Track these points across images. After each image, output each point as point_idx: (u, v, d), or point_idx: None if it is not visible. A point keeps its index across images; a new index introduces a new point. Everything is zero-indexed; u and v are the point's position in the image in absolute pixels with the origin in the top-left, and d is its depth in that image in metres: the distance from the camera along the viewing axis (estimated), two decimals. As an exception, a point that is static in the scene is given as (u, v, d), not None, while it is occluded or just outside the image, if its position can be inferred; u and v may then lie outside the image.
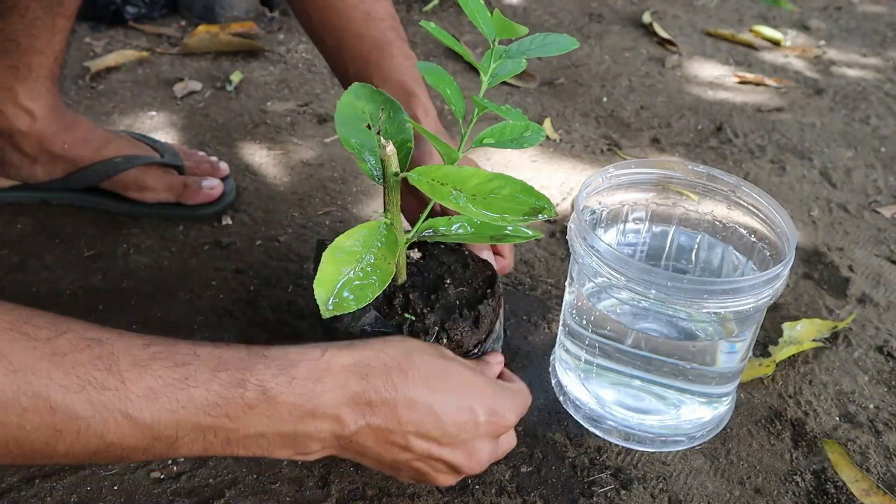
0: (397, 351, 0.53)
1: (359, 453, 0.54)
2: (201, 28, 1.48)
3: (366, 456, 0.54)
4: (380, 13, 0.79)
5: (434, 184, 0.54)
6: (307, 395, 0.50)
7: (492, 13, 0.57)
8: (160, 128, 1.19)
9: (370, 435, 0.52)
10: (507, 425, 0.57)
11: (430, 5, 1.69)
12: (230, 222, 0.99)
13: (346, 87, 0.68)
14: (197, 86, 1.31)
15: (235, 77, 1.35)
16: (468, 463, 0.56)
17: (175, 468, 0.66)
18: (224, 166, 1.03)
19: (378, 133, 0.60)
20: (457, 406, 0.54)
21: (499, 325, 0.65)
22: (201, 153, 1.05)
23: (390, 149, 0.53)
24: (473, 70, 1.43)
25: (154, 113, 1.23)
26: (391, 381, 0.52)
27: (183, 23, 1.55)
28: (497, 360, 0.63)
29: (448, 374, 0.54)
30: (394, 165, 0.54)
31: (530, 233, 0.65)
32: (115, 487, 0.64)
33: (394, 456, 0.54)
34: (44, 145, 0.93)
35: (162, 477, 0.66)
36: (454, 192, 0.54)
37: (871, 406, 0.79)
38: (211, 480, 0.66)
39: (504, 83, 1.42)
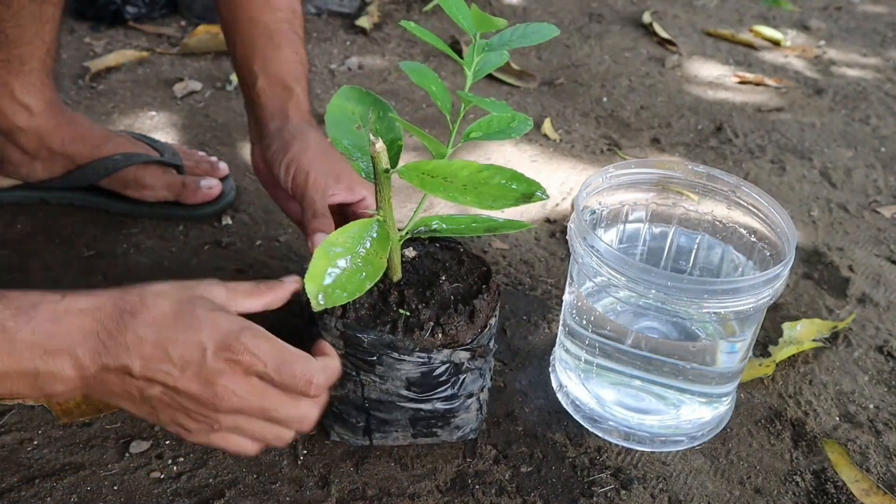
0: (132, 296, 0.55)
1: (107, 393, 0.56)
2: (201, 28, 1.48)
3: (115, 395, 0.56)
4: (279, 4, 0.82)
5: (424, 177, 0.54)
6: (45, 334, 0.52)
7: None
8: (160, 128, 1.19)
9: (109, 374, 0.54)
10: (248, 362, 0.55)
11: (430, 5, 1.69)
12: (230, 222, 0.99)
13: (235, 68, 0.77)
14: (197, 86, 1.31)
15: (235, 77, 1.35)
16: (208, 396, 0.55)
17: (175, 468, 0.66)
18: (223, 166, 1.03)
19: (369, 131, 0.61)
20: (183, 340, 0.54)
21: (494, 321, 0.65)
22: (201, 153, 1.05)
23: (380, 145, 0.53)
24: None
25: (154, 113, 1.23)
26: (123, 322, 0.54)
27: (183, 23, 1.55)
28: (267, 293, 0.63)
29: (180, 313, 0.55)
30: (384, 162, 0.55)
31: (525, 222, 0.65)
32: (115, 487, 0.64)
33: (138, 393, 0.56)
34: (43, 141, 0.93)
35: (162, 477, 0.66)
36: (445, 183, 0.54)
37: (871, 406, 0.79)
38: (211, 480, 0.66)
39: (504, 83, 1.42)
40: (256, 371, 0.55)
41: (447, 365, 0.62)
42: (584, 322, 0.70)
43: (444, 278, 0.64)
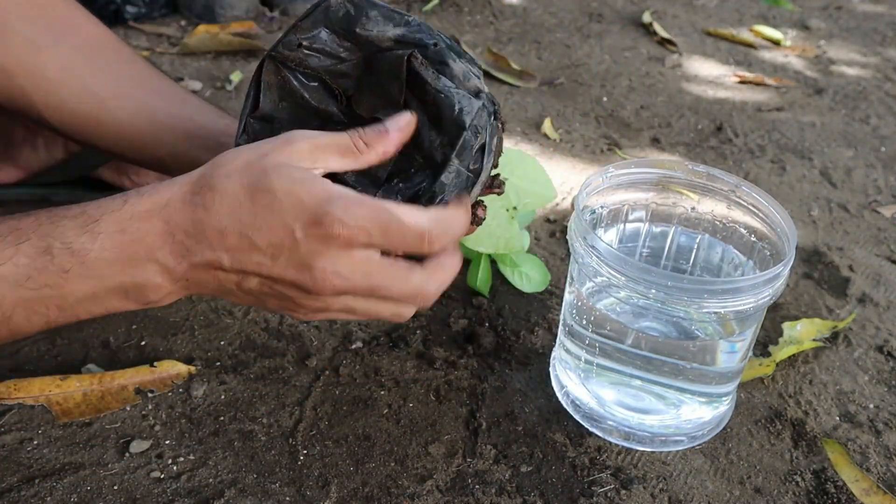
0: (200, 183, 0.50)
1: (205, 290, 0.53)
2: (201, 28, 1.48)
3: (215, 291, 0.53)
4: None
5: None
6: (117, 247, 0.49)
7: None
8: (160, 127, 1.19)
9: (199, 271, 0.51)
10: (346, 235, 0.48)
11: (430, 5, 1.69)
12: (230, 222, 0.99)
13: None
14: (197, 85, 1.31)
15: (235, 77, 1.35)
16: (308, 281, 0.50)
17: (175, 468, 0.66)
18: None
19: None
20: (267, 225, 0.49)
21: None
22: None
23: None
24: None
25: (154, 113, 1.23)
26: (196, 218, 0.49)
27: (183, 23, 1.55)
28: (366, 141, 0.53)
29: (256, 193, 0.49)
30: None
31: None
32: (115, 487, 0.64)
33: (236, 286, 0.52)
34: None
35: (162, 477, 0.66)
36: None
37: (871, 406, 0.79)
38: (211, 480, 0.66)
39: (504, 83, 1.42)
40: (358, 243, 0.49)
41: None
42: (585, 322, 0.70)
43: None
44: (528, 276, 0.86)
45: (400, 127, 0.53)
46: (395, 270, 0.51)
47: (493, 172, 0.61)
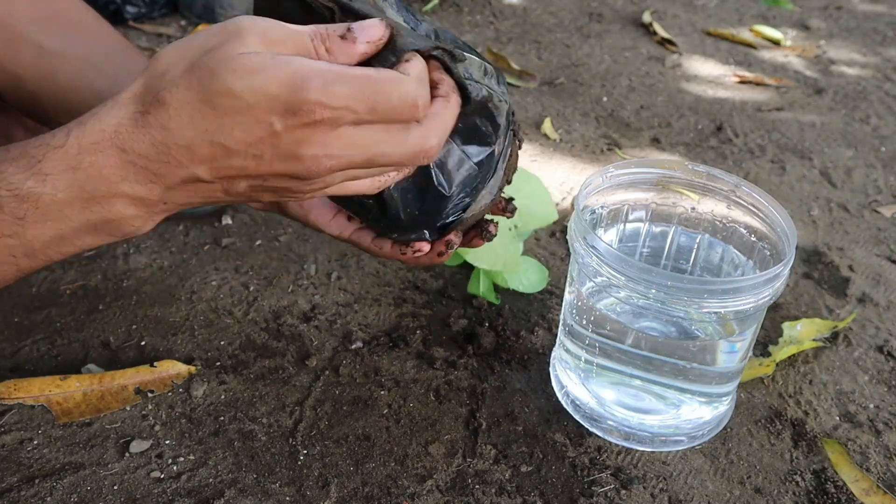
0: (145, 99, 0.45)
1: (192, 203, 0.49)
2: (201, 28, 1.48)
3: (203, 200, 0.49)
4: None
5: None
6: (71, 186, 0.46)
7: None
8: (160, 127, 1.19)
9: (179, 191, 0.47)
10: (331, 117, 0.44)
11: (430, 5, 1.69)
12: (230, 222, 0.99)
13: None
14: (197, 85, 1.31)
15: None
16: (300, 170, 0.46)
17: (175, 468, 0.66)
18: None
19: None
20: (238, 127, 0.44)
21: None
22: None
23: None
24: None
25: (154, 113, 1.23)
26: (153, 139, 0.45)
27: (183, 22, 1.55)
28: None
29: (214, 95, 0.43)
30: None
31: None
32: (115, 487, 0.64)
33: (224, 193, 0.48)
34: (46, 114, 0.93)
35: (162, 477, 0.66)
36: None
37: (871, 406, 0.79)
38: (211, 480, 0.66)
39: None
40: (345, 122, 0.45)
41: None
42: (585, 322, 0.70)
43: None
44: (527, 279, 0.86)
45: (369, 39, 0.46)
46: (390, 135, 0.47)
47: (507, 195, 0.61)
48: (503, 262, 0.76)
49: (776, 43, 1.69)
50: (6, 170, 0.46)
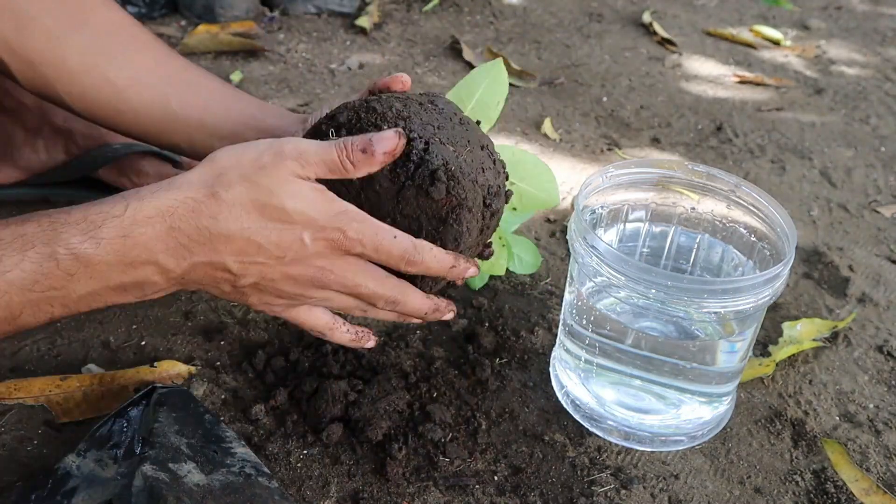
0: (202, 191, 0.54)
1: (197, 285, 0.58)
2: (201, 28, 1.48)
3: (205, 286, 0.58)
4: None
5: None
6: (119, 251, 0.53)
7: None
8: (160, 127, 1.19)
9: (199, 271, 0.56)
10: (347, 245, 0.56)
11: (430, 5, 1.69)
12: (230, 222, 0.99)
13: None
14: (197, 85, 1.31)
15: (235, 76, 1.35)
16: (307, 276, 0.57)
17: (175, 468, 0.66)
18: None
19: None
20: (279, 234, 0.55)
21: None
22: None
23: None
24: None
25: (154, 113, 1.23)
26: (202, 225, 0.54)
27: (183, 22, 1.55)
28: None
29: (265, 207, 0.54)
30: None
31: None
32: (115, 487, 0.64)
33: (230, 285, 0.57)
34: (45, 118, 0.93)
35: (162, 477, 0.66)
36: None
37: (871, 406, 0.79)
38: (211, 480, 0.66)
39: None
40: (353, 251, 0.56)
41: None
42: (585, 322, 0.70)
43: None
44: (520, 258, 0.85)
45: (386, 150, 0.56)
46: (375, 271, 0.59)
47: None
48: (489, 266, 0.77)
49: (776, 43, 1.69)
50: (68, 231, 0.53)
